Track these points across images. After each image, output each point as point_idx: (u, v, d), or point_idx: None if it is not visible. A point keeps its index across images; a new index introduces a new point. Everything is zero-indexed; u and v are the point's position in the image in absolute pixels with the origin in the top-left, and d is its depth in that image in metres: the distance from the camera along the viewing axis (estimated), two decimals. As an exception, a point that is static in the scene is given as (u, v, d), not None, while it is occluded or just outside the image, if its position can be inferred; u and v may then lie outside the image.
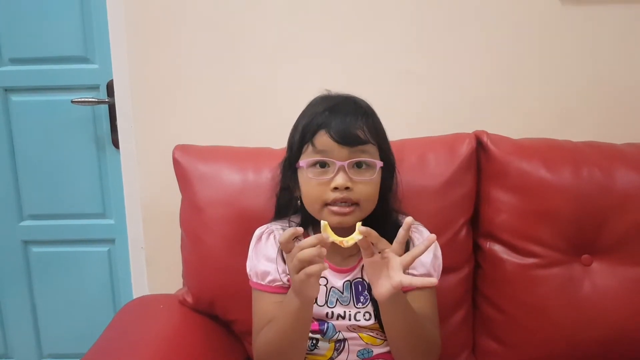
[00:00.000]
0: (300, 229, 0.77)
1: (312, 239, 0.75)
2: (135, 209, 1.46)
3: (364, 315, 0.92)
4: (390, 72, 1.35)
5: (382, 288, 0.78)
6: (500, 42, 1.33)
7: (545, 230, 1.09)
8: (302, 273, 0.74)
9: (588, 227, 1.09)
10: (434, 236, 0.77)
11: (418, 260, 0.80)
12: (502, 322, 1.12)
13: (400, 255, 0.78)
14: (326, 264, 0.75)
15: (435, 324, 0.93)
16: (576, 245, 1.10)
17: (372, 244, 0.78)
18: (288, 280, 0.91)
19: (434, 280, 0.77)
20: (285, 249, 0.78)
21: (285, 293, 0.86)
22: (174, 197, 1.17)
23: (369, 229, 0.77)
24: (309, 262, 0.74)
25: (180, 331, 1.06)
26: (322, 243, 0.75)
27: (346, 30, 1.34)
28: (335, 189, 0.84)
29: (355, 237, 0.77)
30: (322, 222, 0.77)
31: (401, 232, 0.78)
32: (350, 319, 0.92)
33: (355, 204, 0.86)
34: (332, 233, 0.77)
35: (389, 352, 0.94)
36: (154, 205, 1.43)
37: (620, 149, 1.15)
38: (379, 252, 0.79)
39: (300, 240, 0.77)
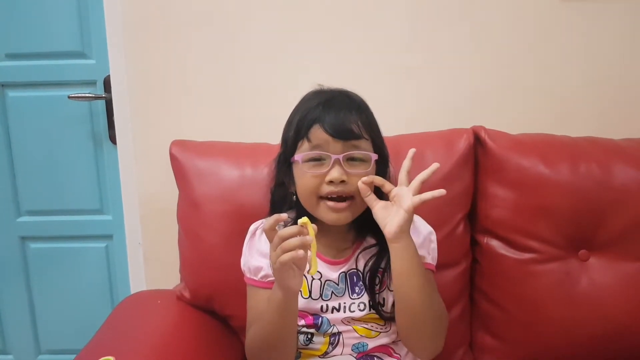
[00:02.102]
0: (284, 215, 0.78)
1: (293, 228, 0.76)
2: (133, 204, 1.46)
3: (358, 305, 0.92)
4: (388, 67, 1.34)
5: (394, 221, 0.83)
6: (498, 37, 1.32)
7: (542, 225, 1.09)
8: (277, 262, 0.75)
9: (586, 223, 1.09)
10: (436, 164, 0.85)
11: None
12: (499, 318, 1.13)
13: (408, 185, 0.85)
14: (300, 252, 0.75)
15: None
16: (574, 240, 1.10)
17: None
18: None
19: (442, 191, 0.81)
20: (269, 237, 0.78)
21: None
22: (172, 193, 1.17)
23: (370, 176, 0.86)
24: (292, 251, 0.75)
25: (177, 326, 1.06)
26: (304, 241, 0.75)
27: (343, 26, 1.33)
28: (331, 182, 0.85)
29: (312, 250, 0.77)
30: (300, 220, 0.77)
31: (406, 162, 0.87)
32: (345, 311, 0.92)
33: (351, 197, 0.87)
34: (312, 231, 0.77)
35: (384, 345, 0.94)
36: (152, 201, 1.43)
37: (619, 145, 1.16)
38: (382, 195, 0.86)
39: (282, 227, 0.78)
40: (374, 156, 0.88)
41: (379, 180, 0.87)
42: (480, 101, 1.35)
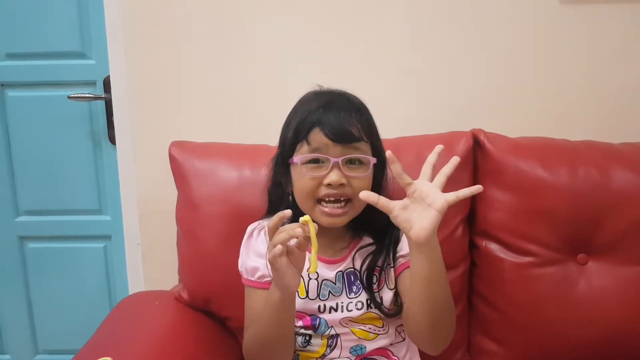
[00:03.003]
0: (288, 212, 0.77)
1: (293, 225, 0.76)
2: (132, 205, 1.45)
3: (356, 305, 0.92)
4: (388, 70, 1.34)
5: (423, 223, 0.74)
6: (498, 41, 1.33)
7: (541, 229, 1.09)
8: (270, 256, 0.75)
9: (584, 226, 1.09)
10: (457, 158, 0.80)
11: (403, 241, 0.90)
12: (497, 321, 1.12)
13: (431, 180, 0.78)
14: (280, 247, 0.74)
15: None
16: (572, 244, 1.10)
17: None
18: None
19: (480, 187, 0.76)
20: (271, 236, 0.78)
21: None
22: (170, 194, 1.17)
23: (366, 193, 0.77)
24: (282, 245, 0.74)
25: (175, 327, 1.06)
26: (293, 233, 0.74)
27: (343, 28, 1.33)
28: (329, 185, 0.84)
29: (314, 250, 0.77)
30: (302, 218, 0.77)
31: (431, 156, 0.81)
32: (342, 311, 0.92)
33: (349, 200, 0.86)
34: (313, 229, 0.76)
35: (382, 348, 0.94)
36: (150, 201, 1.43)
37: (617, 149, 1.16)
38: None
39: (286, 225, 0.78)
40: (373, 160, 0.87)
41: (374, 198, 0.77)
42: (480, 104, 1.35)
